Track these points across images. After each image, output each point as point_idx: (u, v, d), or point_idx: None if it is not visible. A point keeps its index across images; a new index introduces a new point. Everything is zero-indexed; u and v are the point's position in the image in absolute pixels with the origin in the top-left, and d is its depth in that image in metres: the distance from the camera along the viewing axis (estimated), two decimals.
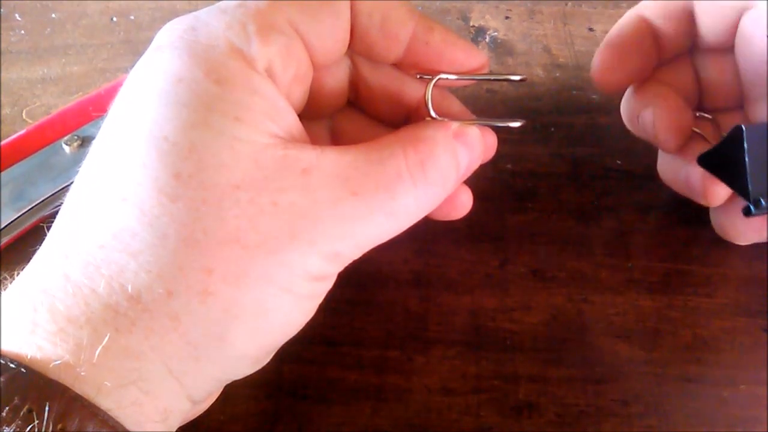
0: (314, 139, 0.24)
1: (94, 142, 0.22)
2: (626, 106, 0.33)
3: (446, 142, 0.25)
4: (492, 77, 0.30)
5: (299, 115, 0.24)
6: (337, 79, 0.28)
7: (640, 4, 0.32)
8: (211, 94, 0.21)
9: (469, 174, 0.27)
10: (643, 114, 0.31)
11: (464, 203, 0.28)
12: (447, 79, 0.27)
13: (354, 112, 0.30)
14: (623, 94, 0.33)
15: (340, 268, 0.23)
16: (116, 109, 0.22)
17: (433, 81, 0.26)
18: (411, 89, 0.28)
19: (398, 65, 0.27)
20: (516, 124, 0.28)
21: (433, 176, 0.24)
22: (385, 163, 0.23)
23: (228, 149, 0.20)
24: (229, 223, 0.20)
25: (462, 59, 0.26)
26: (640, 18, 0.31)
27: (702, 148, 0.29)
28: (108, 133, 0.22)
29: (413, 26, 0.25)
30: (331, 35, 0.24)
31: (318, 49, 0.24)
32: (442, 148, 0.24)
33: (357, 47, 0.26)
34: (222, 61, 0.21)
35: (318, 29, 0.24)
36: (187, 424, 0.23)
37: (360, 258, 0.23)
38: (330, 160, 0.22)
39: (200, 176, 0.20)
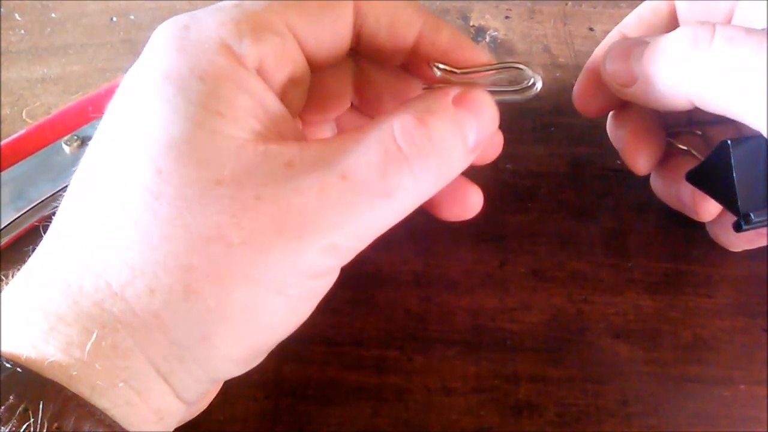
0: None
1: (91, 142, 0.22)
2: (608, 127, 0.33)
3: (443, 112, 0.23)
4: (499, 66, 0.27)
5: (300, 117, 0.24)
6: (340, 81, 0.28)
7: (622, 23, 0.32)
8: (194, 89, 0.21)
9: (483, 144, 0.25)
10: (614, 137, 0.32)
11: (474, 203, 0.28)
12: (450, 70, 0.26)
13: (358, 116, 0.30)
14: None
15: (342, 261, 0.22)
16: (110, 109, 0.22)
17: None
18: (415, 93, 0.28)
19: (403, 65, 0.27)
20: (535, 82, 0.25)
21: (427, 150, 0.22)
22: (375, 141, 0.21)
23: (208, 144, 0.20)
24: (210, 219, 0.20)
25: (468, 61, 0.26)
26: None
27: (691, 164, 0.29)
28: (101, 133, 0.22)
29: (420, 26, 0.25)
30: (330, 38, 0.24)
31: (316, 52, 0.24)
32: (438, 119, 0.22)
33: (364, 50, 0.26)
34: (209, 58, 0.21)
35: (317, 32, 0.24)
36: (187, 423, 0.23)
37: (360, 258, 0.23)
38: (314, 149, 0.21)
39: (180, 172, 0.20)
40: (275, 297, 0.21)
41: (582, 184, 0.35)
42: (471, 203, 0.28)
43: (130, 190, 0.20)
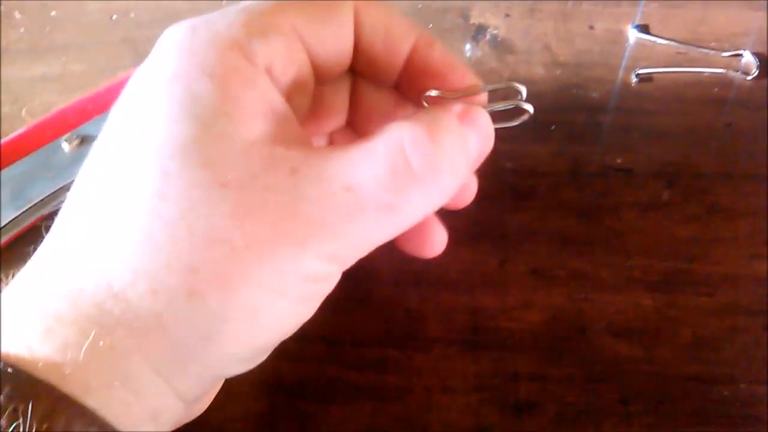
0: None
1: (95, 144, 0.22)
2: None
3: (452, 127, 0.23)
4: (490, 87, 0.27)
5: None
6: (338, 96, 0.28)
7: None
8: (203, 89, 0.21)
9: (479, 162, 0.25)
10: None
11: (439, 241, 0.27)
12: (442, 96, 0.25)
13: (350, 133, 0.30)
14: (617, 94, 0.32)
15: (343, 267, 0.22)
16: (115, 109, 0.22)
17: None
18: (409, 115, 0.27)
19: (396, 83, 0.27)
20: (526, 108, 0.25)
21: (440, 166, 0.22)
22: (382, 154, 0.21)
23: (215, 146, 0.20)
24: (215, 222, 0.20)
25: (457, 81, 0.26)
26: None
27: None
28: (106, 133, 0.22)
29: (414, 40, 0.25)
30: (334, 43, 0.24)
31: (320, 56, 0.24)
32: (448, 134, 0.22)
33: (360, 62, 0.26)
34: (219, 56, 0.21)
35: (321, 36, 0.23)
36: (187, 423, 0.23)
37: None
38: (320, 157, 0.21)
39: (187, 174, 0.20)
40: (277, 299, 0.21)
41: (582, 183, 0.35)
42: (436, 241, 0.27)
43: (135, 191, 0.20)
